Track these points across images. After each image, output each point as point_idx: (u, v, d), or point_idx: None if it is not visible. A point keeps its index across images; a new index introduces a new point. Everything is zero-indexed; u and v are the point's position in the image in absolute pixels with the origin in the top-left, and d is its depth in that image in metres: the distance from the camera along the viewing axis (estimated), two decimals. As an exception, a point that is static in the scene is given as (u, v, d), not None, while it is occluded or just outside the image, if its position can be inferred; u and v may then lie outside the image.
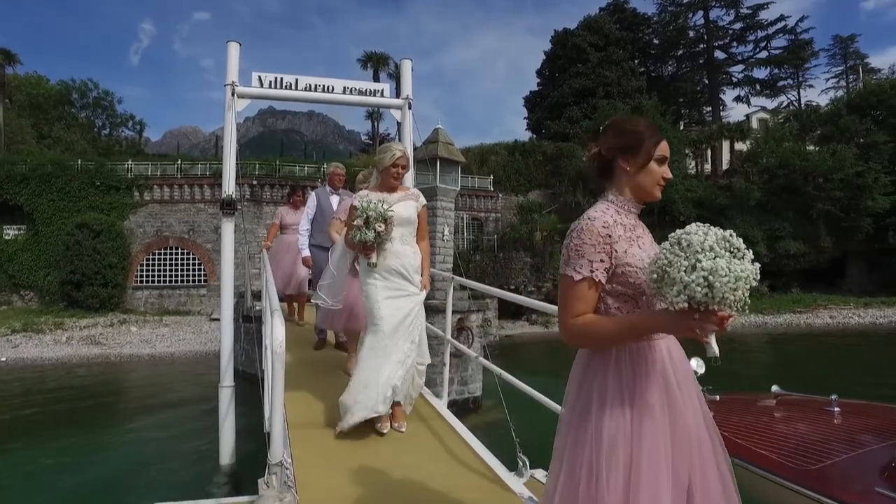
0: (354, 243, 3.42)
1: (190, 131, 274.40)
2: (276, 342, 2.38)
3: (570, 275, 1.51)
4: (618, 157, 1.64)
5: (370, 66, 44.38)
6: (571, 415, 1.58)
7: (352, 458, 3.20)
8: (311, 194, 6.30)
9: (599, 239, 1.52)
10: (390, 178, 3.57)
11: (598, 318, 1.51)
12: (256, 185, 26.18)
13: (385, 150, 3.58)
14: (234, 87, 6.61)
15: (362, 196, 3.51)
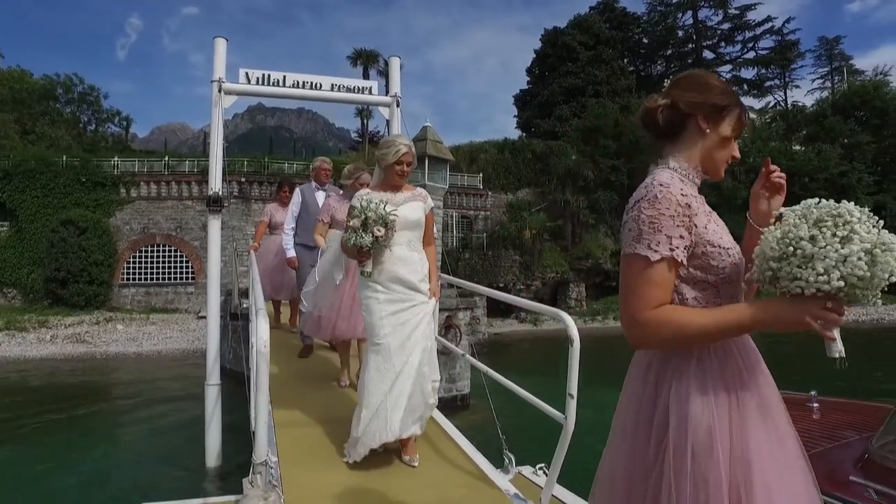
0: (348, 247, 2.99)
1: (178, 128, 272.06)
2: (261, 341, 2.37)
3: (642, 254, 1.21)
4: (697, 116, 1.33)
5: (360, 64, 44.26)
6: (636, 432, 1.27)
7: (337, 458, 3.20)
8: (297, 191, 5.91)
9: (679, 209, 1.23)
10: (395, 175, 3.15)
11: (685, 310, 1.23)
12: (245, 182, 26.02)
13: (388, 144, 3.15)
14: (221, 84, 6.56)
15: (362, 195, 3.11)
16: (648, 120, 1.39)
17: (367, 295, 3.09)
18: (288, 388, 4.49)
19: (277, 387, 4.53)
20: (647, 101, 1.40)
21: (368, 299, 3.09)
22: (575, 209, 27.68)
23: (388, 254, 3.04)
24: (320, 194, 5.78)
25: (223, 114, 6.70)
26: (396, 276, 3.06)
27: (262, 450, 2.37)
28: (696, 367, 1.23)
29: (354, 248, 2.94)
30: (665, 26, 45.72)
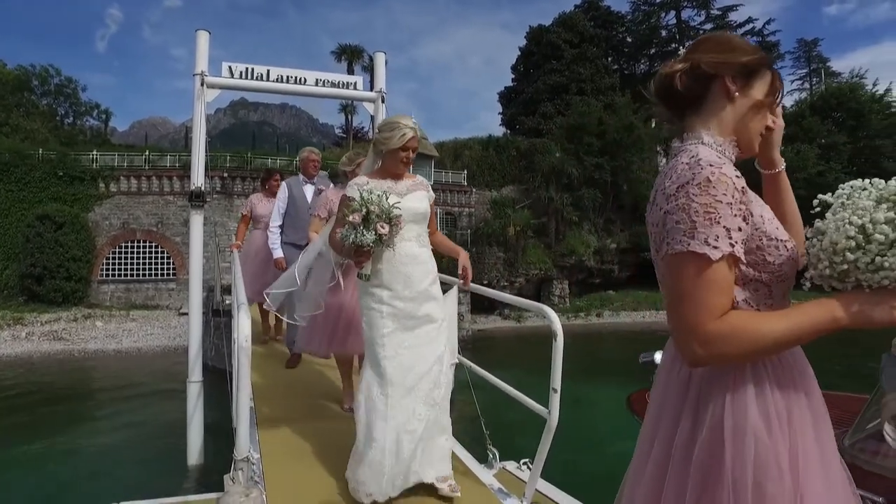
0: (344, 245, 2.52)
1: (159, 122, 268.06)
2: (242, 336, 2.35)
3: (700, 252, 0.98)
4: (724, 78, 1.13)
5: (344, 59, 44.00)
6: (672, 450, 1.08)
7: (320, 454, 3.18)
8: (283, 185, 5.39)
9: (736, 195, 1.01)
10: (398, 163, 2.70)
11: (754, 316, 1.04)
12: (227, 177, 25.74)
13: (392, 126, 2.67)
14: (204, 77, 6.49)
15: (361, 184, 2.67)
16: (665, 88, 1.19)
17: (370, 305, 2.64)
18: (272, 387, 4.46)
19: (262, 386, 4.50)
20: (663, 67, 1.20)
21: (370, 311, 2.63)
22: (559, 206, 27.84)
23: (394, 252, 2.59)
24: (308, 188, 5.36)
25: (206, 108, 6.63)
26: (406, 278, 2.61)
27: (243, 446, 2.35)
28: (751, 379, 1.03)
29: (352, 247, 2.49)
30: (649, 25, 46.15)
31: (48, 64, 38.79)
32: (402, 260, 2.62)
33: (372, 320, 2.62)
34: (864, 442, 2.48)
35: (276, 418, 3.81)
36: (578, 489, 2.98)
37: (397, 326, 2.59)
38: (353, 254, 2.52)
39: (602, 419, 8.60)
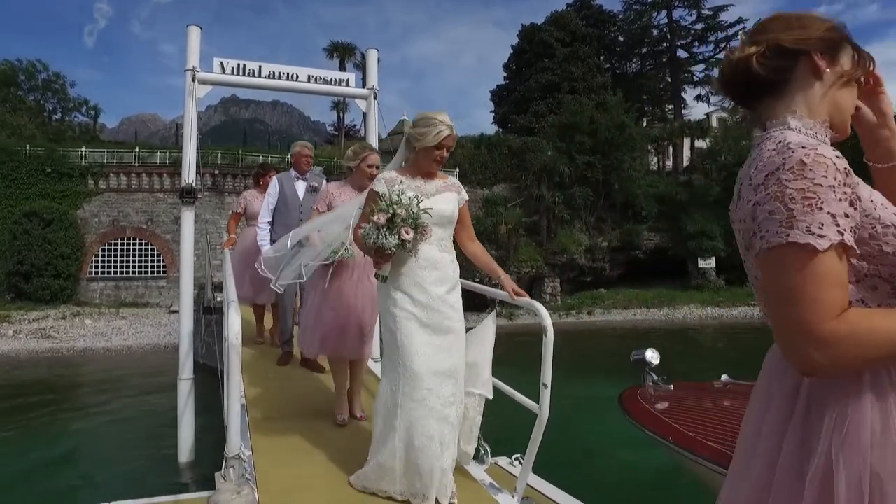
0: (366, 244, 2.45)
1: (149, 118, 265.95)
2: (232, 333, 2.34)
3: (803, 242, 0.86)
4: (812, 54, 1.02)
5: (336, 56, 43.83)
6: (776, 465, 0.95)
7: (312, 450, 3.19)
8: (273, 180, 5.18)
9: (838, 177, 0.88)
10: (432, 162, 2.56)
11: (882, 314, 0.90)
12: (218, 174, 25.61)
13: (428, 121, 2.50)
14: (195, 73, 6.45)
15: (391, 180, 2.54)
16: (739, 73, 1.06)
17: (389, 309, 2.51)
18: (265, 385, 4.44)
19: (254, 384, 4.49)
20: (731, 53, 1.09)
21: (389, 313, 2.50)
22: (550, 205, 27.91)
23: (415, 257, 2.48)
24: (300, 184, 5.13)
25: (197, 104, 6.59)
26: (419, 284, 2.49)
27: (234, 443, 2.35)
28: (870, 387, 0.89)
29: (373, 247, 2.40)
30: (640, 25, 46.31)
31: (35, 59, 38.39)
32: (421, 264, 2.50)
33: (398, 320, 2.48)
34: None
35: (269, 416, 3.80)
36: (569, 484, 3.00)
37: (419, 327, 2.48)
38: (374, 253, 2.45)
39: (593, 416, 8.65)
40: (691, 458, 3.32)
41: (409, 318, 2.46)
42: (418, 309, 2.47)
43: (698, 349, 18.89)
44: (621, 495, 5.90)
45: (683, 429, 3.58)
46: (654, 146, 35.68)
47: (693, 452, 3.29)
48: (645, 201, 29.85)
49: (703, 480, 3.43)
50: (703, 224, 29.33)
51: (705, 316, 26.23)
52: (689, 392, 4.53)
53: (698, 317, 26.14)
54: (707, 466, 3.18)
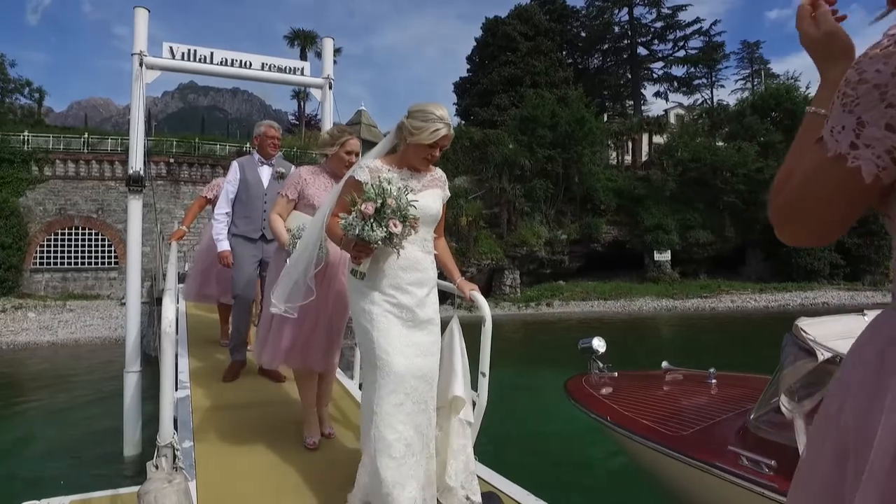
0: (345, 235, 2.20)
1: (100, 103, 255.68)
2: (166, 321, 2.33)
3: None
4: None
5: (297, 44, 43.06)
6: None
7: (256, 441, 3.18)
8: (233, 165, 4.54)
9: None
10: (422, 160, 2.37)
11: None
12: (174, 163, 24.91)
13: (425, 116, 2.27)
14: (143, 57, 6.27)
15: (375, 169, 2.32)
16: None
17: (367, 305, 2.28)
18: (213, 375, 4.39)
19: (202, 374, 4.44)
20: None
21: (370, 308, 2.27)
22: (511, 197, 28.19)
23: (396, 255, 2.26)
24: (265, 170, 4.51)
25: (145, 90, 6.42)
26: (399, 286, 2.29)
27: (166, 432, 2.34)
28: None
29: (354, 240, 2.15)
30: (602, 21, 47.07)
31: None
32: (402, 264, 2.29)
33: (375, 321, 2.25)
34: (766, 415, 2.71)
35: (215, 406, 3.78)
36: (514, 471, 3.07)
37: (398, 325, 2.27)
38: (353, 247, 2.18)
39: (546, 406, 8.85)
40: (626, 435, 3.47)
41: (386, 314, 2.26)
42: (396, 310, 2.28)
43: (651, 339, 19.47)
44: (572, 485, 6.07)
45: (621, 409, 3.74)
46: (613, 141, 36.41)
47: (628, 430, 3.45)
48: (604, 195, 30.49)
49: (636, 458, 3.59)
50: (660, 218, 30.18)
51: (660, 307, 27.03)
52: (631, 378, 4.71)
53: (653, 308, 26.92)
54: (640, 442, 3.34)
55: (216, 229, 4.47)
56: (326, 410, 3.42)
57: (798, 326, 2.52)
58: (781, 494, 2.38)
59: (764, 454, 2.54)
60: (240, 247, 4.36)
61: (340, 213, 2.27)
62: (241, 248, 4.35)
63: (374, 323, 2.25)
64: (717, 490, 2.74)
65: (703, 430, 3.11)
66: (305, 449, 3.08)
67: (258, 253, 4.36)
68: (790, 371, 2.45)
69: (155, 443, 2.47)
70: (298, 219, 3.16)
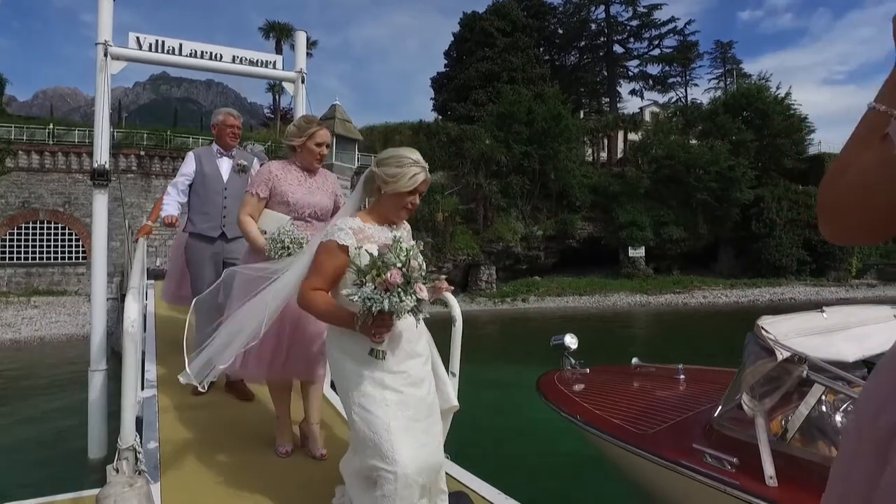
0: (361, 313, 1.85)
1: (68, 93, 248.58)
2: (129, 320, 2.26)
3: None
4: None
5: (273, 37, 42.45)
6: None
7: (228, 442, 3.14)
8: (189, 156, 4.18)
9: None
10: (401, 209, 2.13)
11: None
12: (144, 156, 24.39)
13: (399, 160, 2.07)
14: (108, 47, 6.10)
15: (358, 229, 2.06)
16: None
17: (367, 387, 1.97)
18: (175, 368, 4.28)
19: (170, 374, 4.34)
20: None
21: (370, 397, 1.96)
22: (487, 193, 28.27)
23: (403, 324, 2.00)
24: (224, 162, 4.12)
25: (111, 80, 6.25)
26: (405, 352, 2.05)
27: (128, 433, 2.29)
28: None
29: (371, 316, 1.84)
30: (579, 18, 47.40)
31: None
32: (408, 336, 2.05)
33: (374, 415, 1.93)
34: (730, 413, 2.77)
35: (184, 406, 3.71)
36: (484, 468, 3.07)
37: (404, 415, 1.97)
38: (373, 324, 1.85)
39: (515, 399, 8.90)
40: (597, 434, 3.51)
41: (397, 409, 1.95)
42: (403, 390, 1.99)
43: (625, 334, 19.74)
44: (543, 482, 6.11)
45: (592, 407, 3.77)
46: (589, 138, 36.74)
47: (598, 429, 3.49)
48: (579, 191, 30.77)
49: (607, 456, 3.63)
50: (634, 214, 30.59)
51: (634, 303, 27.42)
52: (603, 375, 4.75)
53: (627, 304, 27.30)
54: (610, 441, 3.38)
55: (165, 203, 4.09)
56: (317, 429, 3.01)
57: (759, 326, 2.57)
58: (743, 491, 2.43)
59: (727, 451, 2.59)
60: (197, 247, 3.96)
61: (321, 284, 2.03)
62: (198, 248, 3.95)
63: (376, 419, 1.93)
64: (683, 488, 2.78)
65: (669, 427, 3.15)
66: (277, 455, 2.94)
67: (218, 253, 3.95)
68: (752, 370, 2.51)
69: (120, 445, 2.40)
70: (271, 218, 2.94)
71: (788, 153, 33.96)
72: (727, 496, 2.49)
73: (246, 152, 4.45)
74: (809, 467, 2.39)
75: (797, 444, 2.49)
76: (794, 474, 2.38)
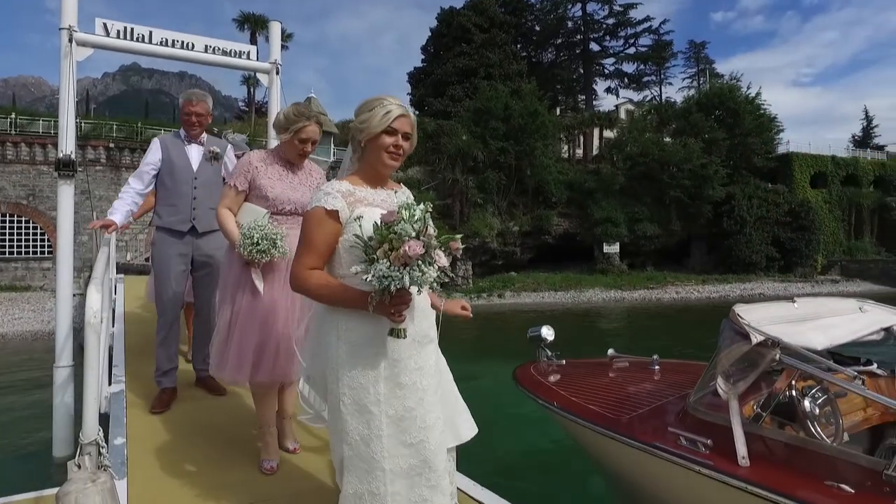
0: (375, 291, 1.61)
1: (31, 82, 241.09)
2: (90, 312, 2.19)
3: None
4: None
5: (247, 28, 41.75)
6: None
7: (199, 436, 3.09)
8: (153, 142, 3.79)
9: None
10: (384, 157, 1.88)
11: None
12: (114, 148, 23.81)
13: (370, 105, 1.87)
14: (73, 33, 5.89)
15: (347, 192, 1.82)
16: None
17: (376, 384, 1.72)
18: (146, 364, 4.18)
19: (139, 369, 4.23)
20: None
21: (377, 389, 1.72)
22: (464, 188, 28.30)
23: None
24: (194, 150, 3.73)
25: (76, 68, 6.05)
26: (421, 333, 1.82)
27: (90, 429, 2.21)
28: None
29: (389, 295, 1.61)
30: (556, 16, 47.73)
31: None
32: (418, 314, 1.82)
33: (367, 407, 1.71)
34: (705, 397, 2.82)
35: (149, 400, 3.61)
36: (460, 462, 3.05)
37: (399, 409, 1.73)
38: (391, 301, 1.63)
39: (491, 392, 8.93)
40: (572, 420, 3.54)
41: (389, 399, 1.73)
42: (404, 377, 1.75)
43: (600, 329, 19.98)
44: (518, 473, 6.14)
45: (568, 395, 3.80)
46: (565, 134, 37.03)
47: (574, 415, 3.52)
48: (555, 188, 31.00)
49: (582, 442, 3.66)
50: (609, 211, 30.96)
51: (608, 298, 27.76)
52: (579, 366, 4.79)
53: (602, 299, 27.62)
54: (585, 426, 3.42)
55: (114, 204, 3.68)
56: (290, 423, 2.96)
57: (735, 312, 2.65)
58: (717, 471, 2.50)
59: (701, 434, 2.65)
60: (164, 243, 3.61)
61: (315, 261, 1.78)
62: (165, 244, 3.60)
63: (367, 409, 1.71)
64: (658, 470, 2.84)
65: (645, 413, 3.20)
66: (261, 473, 2.68)
67: (187, 250, 3.61)
68: (726, 354, 2.58)
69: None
70: (251, 212, 2.74)
71: (758, 152, 34.71)
72: (701, 476, 2.55)
73: (219, 139, 4.08)
74: (779, 448, 2.47)
75: (767, 425, 2.56)
76: (765, 455, 2.46)
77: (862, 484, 2.15)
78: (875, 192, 38.05)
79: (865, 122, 58.46)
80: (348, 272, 1.72)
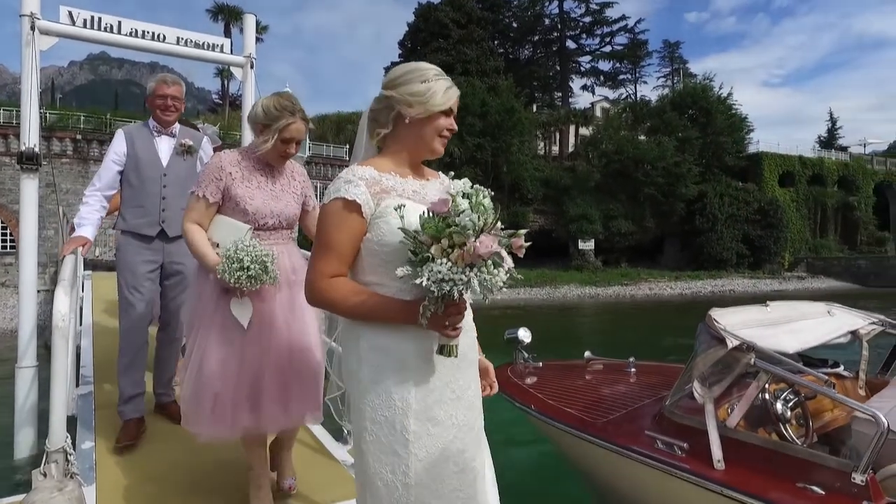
0: (432, 298, 1.30)
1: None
2: (58, 315, 2.10)
3: None
4: None
5: (221, 19, 40.97)
6: None
7: (170, 438, 3.01)
8: (118, 134, 3.28)
9: None
10: (434, 139, 1.55)
11: None
12: (82, 139, 23.15)
13: (424, 76, 1.49)
14: (35, 20, 5.68)
15: (373, 180, 1.44)
16: None
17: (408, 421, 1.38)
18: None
19: (107, 370, 4.11)
20: None
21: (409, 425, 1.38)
22: (441, 185, 28.32)
23: None
24: (164, 142, 3.26)
25: (39, 57, 5.84)
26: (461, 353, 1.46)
27: (57, 435, 2.13)
28: None
29: (442, 304, 1.32)
30: (533, 13, 47.94)
31: None
32: None
33: (408, 442, 1.38)
34: (681, 401, 2.86)
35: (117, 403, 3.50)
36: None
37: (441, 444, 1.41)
38: (446, 312, 1.33)
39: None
40: (550, 423, 3.55)
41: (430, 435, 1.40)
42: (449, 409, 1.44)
43: (575, 326, 20.20)
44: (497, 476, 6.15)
45: (545, 398, 3.81)
46: (541, 131, 37.29)
47: (551, 418, 3.53)
48: (531, 184, 31.21)
49: (560, 445, 3.68)
50: (584, 208, 31.29)
51: (584, 295, 28.08)
52: (555, 368, 4.81)
53: (577, 295, 27.92)
54: (563, 430, 3.43)
55: (81, 212, 3.17)
56: (289, 456, 2.53)
57: (710, 316, 2.69)
58: (693, 475, 2.53)
59: (677, 437, 2.69)
60: (129, 248, 3.13)
61: (337, 267, 1.43)
62: (130, 250, 3.12)
63: (413, 448, 1.38)
64: (635, 473, 2.86)
65: (621, 416, 3.23)
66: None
67: (157, 256, 3.15)
68: (702, 358, 2.62)
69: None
70: (226, 226, 2.25)
71: (730, 151, 35.46)
72: (677, 479, 2.58)
73: (195, 131, 3.56)
74: (753, 451, 2.52)
75: (741, 429, 2.61)
76: (740, 458, 2.50)
77: (831, 485, 2.21)
78: (839, 192, 39.29)
79: (830, 123, 60.27)
80: (373, 279, 1.43)
